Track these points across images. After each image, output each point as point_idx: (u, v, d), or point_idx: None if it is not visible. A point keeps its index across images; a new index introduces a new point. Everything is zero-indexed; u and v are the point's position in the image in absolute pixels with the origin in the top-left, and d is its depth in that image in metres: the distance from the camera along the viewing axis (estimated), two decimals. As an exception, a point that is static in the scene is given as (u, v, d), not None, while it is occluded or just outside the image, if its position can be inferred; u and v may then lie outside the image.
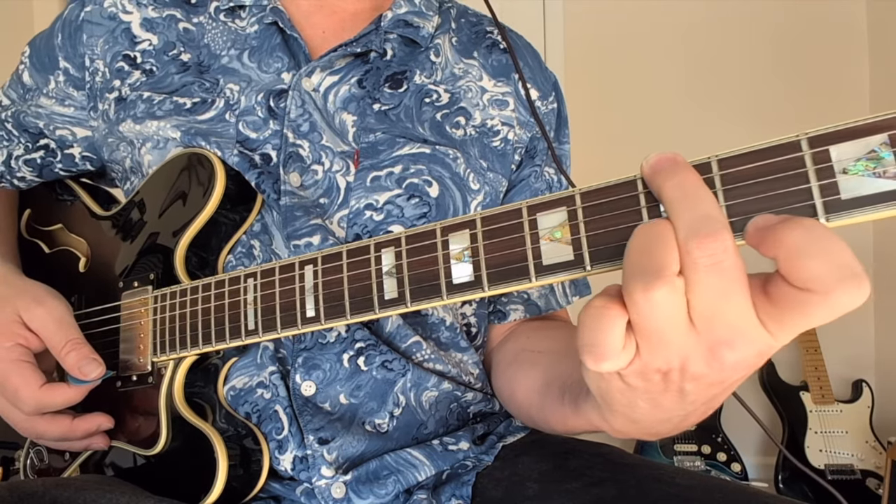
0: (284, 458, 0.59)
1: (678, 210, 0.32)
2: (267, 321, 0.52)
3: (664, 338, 0.33)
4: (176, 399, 0.58)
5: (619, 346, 0.33)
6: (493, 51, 0.76)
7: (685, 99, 2.42)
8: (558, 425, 0.56)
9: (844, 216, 0.31)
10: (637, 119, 2.40)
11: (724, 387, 0.36)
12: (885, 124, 0.30)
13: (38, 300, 0.62)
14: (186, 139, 0.64)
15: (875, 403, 2.03)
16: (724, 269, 0.31)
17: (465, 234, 0.41)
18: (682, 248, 0.32)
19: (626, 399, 0.38)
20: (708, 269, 0.31)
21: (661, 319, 0.32)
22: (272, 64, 0.67)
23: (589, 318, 0.34)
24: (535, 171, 0.75)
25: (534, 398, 0.60)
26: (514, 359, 0.68)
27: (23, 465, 0.69)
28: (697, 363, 0.34)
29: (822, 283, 0.29)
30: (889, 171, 0.29)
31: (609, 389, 0.38)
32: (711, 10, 2.41)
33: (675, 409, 0.38)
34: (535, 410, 0.60)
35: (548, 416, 0.57)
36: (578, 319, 0.35)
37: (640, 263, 0.32)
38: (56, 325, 0.60)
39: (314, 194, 0.64)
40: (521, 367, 0.65)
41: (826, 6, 2.36)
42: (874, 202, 0.30)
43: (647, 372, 0.35)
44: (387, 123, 0.67)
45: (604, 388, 0.38)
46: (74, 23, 0.70)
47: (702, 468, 2.00)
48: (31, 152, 0.76)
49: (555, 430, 0.58)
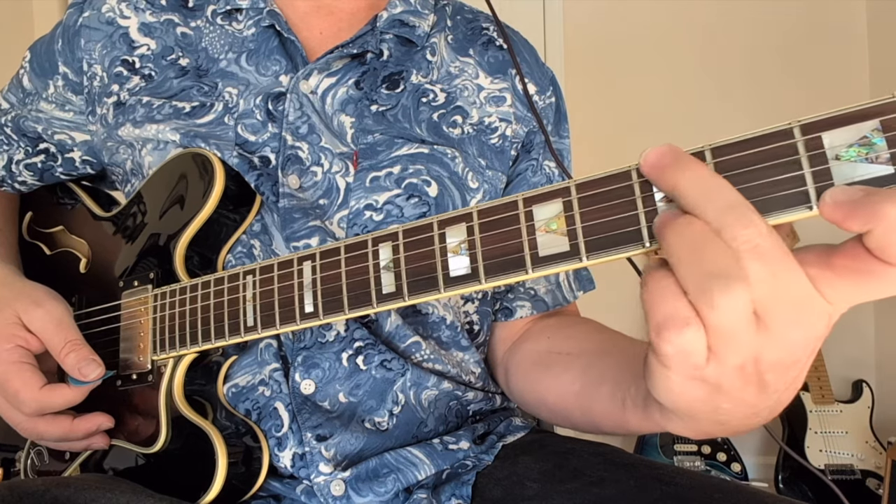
0: (284, 456, 0.59)
1: (702, 205, 0.32)
2: (266, 317, 0.52)
3: (738, 336, 0.32)
4: (176, 397, 0.58)
5: (694, 315, 0.32)
6: (490, 48, 0.77)
7: (685, 98, 2.42)
8: (614, 427, 0.54)
9: (838, 203, 0.31)
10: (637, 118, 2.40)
11: (801, 366, 0.35)
12: (877, 110, 0.30)
13: (38, 302, 0.62)
14: (186, 141, 0.64)
15: (875, 403, 2.03)
16: (764, 252, 0.31)
17: (462, 228, 0.42)
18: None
19: (709, 406, 0.36)
20: (750, 256, 0.31)
21: (739, 319, 0.31)
22: (270, 67, 0.68)
23: (654, 294, 0.33)
24: (531, 165, 0.75)
25: (572, 401, 0.59)
26: (537, 361, 0.67)
27: (23, 465, 0.69)
28: (769, 351, 0.33)
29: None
30: (881, 157, 0.30)
31: (688, 402, 0.36)
32: (711, 9, 2.42)
33: (760, 402, 0.37)
34: (577, 414, 0.59)
35: (596, 418, 0.56)
36: (642, 301, 0.34)
37: (702, 264, 0.32)
38: (55, 326, 0.60)
39: (313, 196, 0.64)
40: (549, 370, 0.64)
41: (826, 6, 2.37)
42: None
43: (725, 372, 0.34)
44: (385, 124, 0.68)
45: (681, 402, 0.36)
46: (72, 28, 0.71)
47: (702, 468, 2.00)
48: (32, 156, 0.76)
49: (607, 432, 0.57)
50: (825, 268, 0.32)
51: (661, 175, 0.34)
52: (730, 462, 2.03)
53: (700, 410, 0.37)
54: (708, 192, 0.32)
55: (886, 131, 0.30)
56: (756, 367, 0.34)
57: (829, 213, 0.30)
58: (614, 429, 0.54)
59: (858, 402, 2.03)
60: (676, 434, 0.42)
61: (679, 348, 0.33)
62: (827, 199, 0.30)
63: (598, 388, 0.55)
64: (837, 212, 0.30)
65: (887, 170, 0.30)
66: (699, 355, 0.33)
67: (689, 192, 0.33)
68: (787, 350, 0.33)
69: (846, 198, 0.29)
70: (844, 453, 1.95)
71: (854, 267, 0.31)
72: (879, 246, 0.29)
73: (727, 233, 0.31)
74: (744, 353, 0.33)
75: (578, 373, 0.59)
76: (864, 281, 0.31)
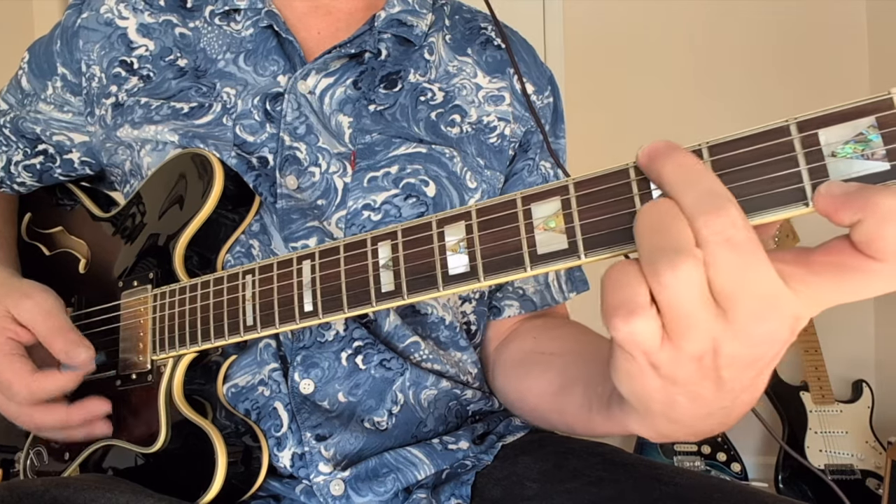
0: (283, 455, 0.59)
1: (680, 190, 0.32)
2: (265, 316, 0.52)
3: (693, 318, 0.32)
4: (175, 396, 0.58)
5: (648, 302, 0.32)
6: (488, 47, 0.77)
7: (684, 98, 2.43)
8: (583, 429, 0.54)
9: (834, 200, 0.31)
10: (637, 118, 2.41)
11: (761, 367, 0.35)
12: (873, 107, 0.30)
13: (27, 294, 0.62)
14: (184, 142, 0.64)
15: (875, 403, 2.03)
16: (736, 244, 0.31)
17: (461, 226, 0.42)
18: (691, 226, 0.31)
19: (664, 397, 0.36)
20: (720, 245, 0.31)
21: (690, 297, 0.31)
22: (268, 67, 0.68)
23: (612, 279, 0.33)
24: (528, 165, 0.75)
25: (549, 401, 0.59)
26: (521, 360, 0.67)
27: (22, 466, 0.69)
28: (729, 342, 0.33)
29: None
30: (877, 153, 0.30)
31: (645, 390, 0.36)
32: (711, 9, 2.43)
33: (715, 401, 0.36)
34: (554, 415, 0.59)
35: (569, 419, 0.56)
36: (601, 284, 0.34)
37: (658, 242, 0.32)
38: (44, 316, 0.61)
39: (311, 196, 0.64)
40: (531, 369, 0.64)
41: (826, 6, 2.37)
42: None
43: (681, 359, 0.33)
44: (382, 124, 0.68)
45: (638, 389, 0.36)
46: (71, 29, 0.71)
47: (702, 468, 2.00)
48: (30, 158, 0.76)
49: (578, 434, 0.57)
50: (801, 265, 0.32)
51: (650, 164, 0.34)
52: (730, 462, 2.03)
53: (655, 401, 0.37)
54: (688, 179, 0.32)
55: (882, 128, 0.30)
56: (714, 360, 0.33)
57: (823, 204, 0.30)
58: (584, 431, 0.54)
59: (858, 402, 2.03)
60: (635, 434, 0.42)
61: (627, 337, 0.33)
62: (822, 191, 0.30)
63: (572, 389, 0.55)
64: (831, 203, 0.30)
65: (883, 166, 0.30)
66: (650, 343, 0.33)
67: (672, 177, 0.33)
68: (748, 345, 0.33)
69: (841, 191, 0.30)
70: (844, 453, 1.95)
71: (834, 262, 0.31)
72: (867, 239, 0.29)
73: (700, 220, 0.31)
74: (701, 339, 0.32)
75: (556, 373, 0.59)
76: (842, 277, 0.31)
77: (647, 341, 0.33)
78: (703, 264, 0.31)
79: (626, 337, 0.33)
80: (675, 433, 0.40)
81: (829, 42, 2.38)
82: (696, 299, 0.31)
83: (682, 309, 0.31)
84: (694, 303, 0.31)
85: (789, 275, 0.32)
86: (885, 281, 0.30)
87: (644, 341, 0.33)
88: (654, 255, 0.32)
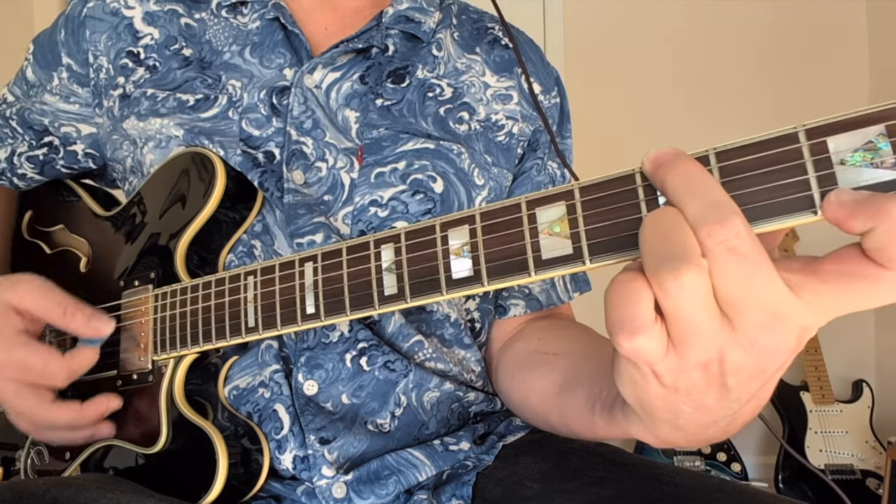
0: (284, 458, 0.58)
1: (685, 200, 0.32)
2: (267, 318, 0.52)
3: (698, 327, 0.31)
4: (176, 397, 0.58)
5: (651, 318, 0.32)
6: (496, 47, 0.77)
7: (685, 98, 2.42)
8: (585, 432, 0.54)
9: (843, 208, 0.30)
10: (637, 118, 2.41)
11: (767, 377, 0.34)
12: (883, 115, 0.30)
13: (17, 280, 0.60)
14: (189, 138, 0.64)
15: (875, 403, 2.03)
16: (741, 254, 0.30)
17: (465, 230, 0.41)
18: (695, 236, 0.31)
19: (668, 405, 0.36)
20: (724, 254, 0.30)
21: (693, 306, 0.31)
22: (274, 60, 0.67)
23: (615, 294, 0.33)
24: (536, 164, 0.75)
25: (552, 402, 0.59)
26: (526, 360, 0.67)
27: (23, 465, 0.69)
28: (735, 351, 0.32)
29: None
30: (887, 162, 0.29)
31: (649, 398, 0.36)
32: (711, 9, 2.42)
33: (720, 410, 0.36)
34: (555, 416, 0.59)
35: (571, 422, 0.55)
36: (605, 298, 0.33)
37: (663, 249, 0.31)
38: (43, 295, 0.60)
39: (318, 192, 0.64)
40: (535, 369, 0.64)
41: (826, 6, 2.37)
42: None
43: (686, 368, 0.33)
44: (390, 119, 0.67)
45: (643, 397, 0.36)
46: (77, 19, 0.70)
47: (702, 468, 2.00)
48: (35, 149, 0.76)
49: (579, 436, 0.57)
50: (809, 274, 0.31)
51: (655, 172, 0.34)
52: (730, 462, 2.03)
53: (659, 409, 0.36)
54: (693, 188, 0.32)
55: (892, 136, 0.29)
56: (720, 368, 0.33)
57: (833, 211, 0.30)
58: (585, 433, 0.54)
59: (858, 402, 2.03)
60: (638, 440, 0.41)
61: (631, 354, 0.33)
62: (831, 199, 0.30)
63: (574, 391, 0.54)
64: (840, 211, 0.29)
65: (892, 175, 0.29)
66: (655, 356, 0.33)
67: (676, 186, 0.33)
68: (755, 355, 0.33)
69: (851, 199, 0.29)
70: (844, 453, 1.96)
71: (844, 271, 0.30)
72: (879, 246, 0.29)
73: (704, 229, 0.31)
74: (705, 348, 0.32)
75: (560, 374, 0.59)
76: (852, 286, 0.30)
77: (651, 355, 0.32)
78: (707, 273, 0.31)
79: (631, 353, 0.33)
80: (679, 440, 0.40)
81: (829, 42, 2.37)
82: (699, 308, 0.31)
83: (686, 317, 0.31)
84: (698, 311, 0.31)
85: (797, 284, 0.31)
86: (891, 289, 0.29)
87: (648, 355, 0.32)
88: (657, 263, 0.31)
